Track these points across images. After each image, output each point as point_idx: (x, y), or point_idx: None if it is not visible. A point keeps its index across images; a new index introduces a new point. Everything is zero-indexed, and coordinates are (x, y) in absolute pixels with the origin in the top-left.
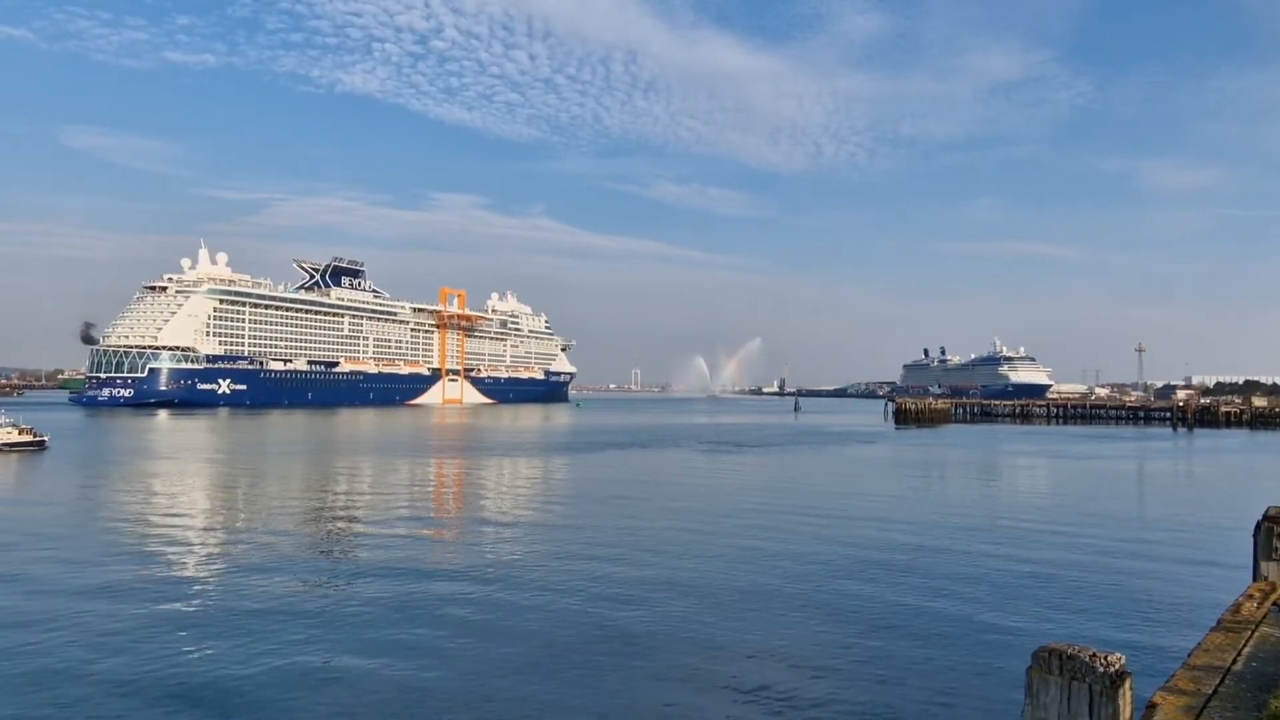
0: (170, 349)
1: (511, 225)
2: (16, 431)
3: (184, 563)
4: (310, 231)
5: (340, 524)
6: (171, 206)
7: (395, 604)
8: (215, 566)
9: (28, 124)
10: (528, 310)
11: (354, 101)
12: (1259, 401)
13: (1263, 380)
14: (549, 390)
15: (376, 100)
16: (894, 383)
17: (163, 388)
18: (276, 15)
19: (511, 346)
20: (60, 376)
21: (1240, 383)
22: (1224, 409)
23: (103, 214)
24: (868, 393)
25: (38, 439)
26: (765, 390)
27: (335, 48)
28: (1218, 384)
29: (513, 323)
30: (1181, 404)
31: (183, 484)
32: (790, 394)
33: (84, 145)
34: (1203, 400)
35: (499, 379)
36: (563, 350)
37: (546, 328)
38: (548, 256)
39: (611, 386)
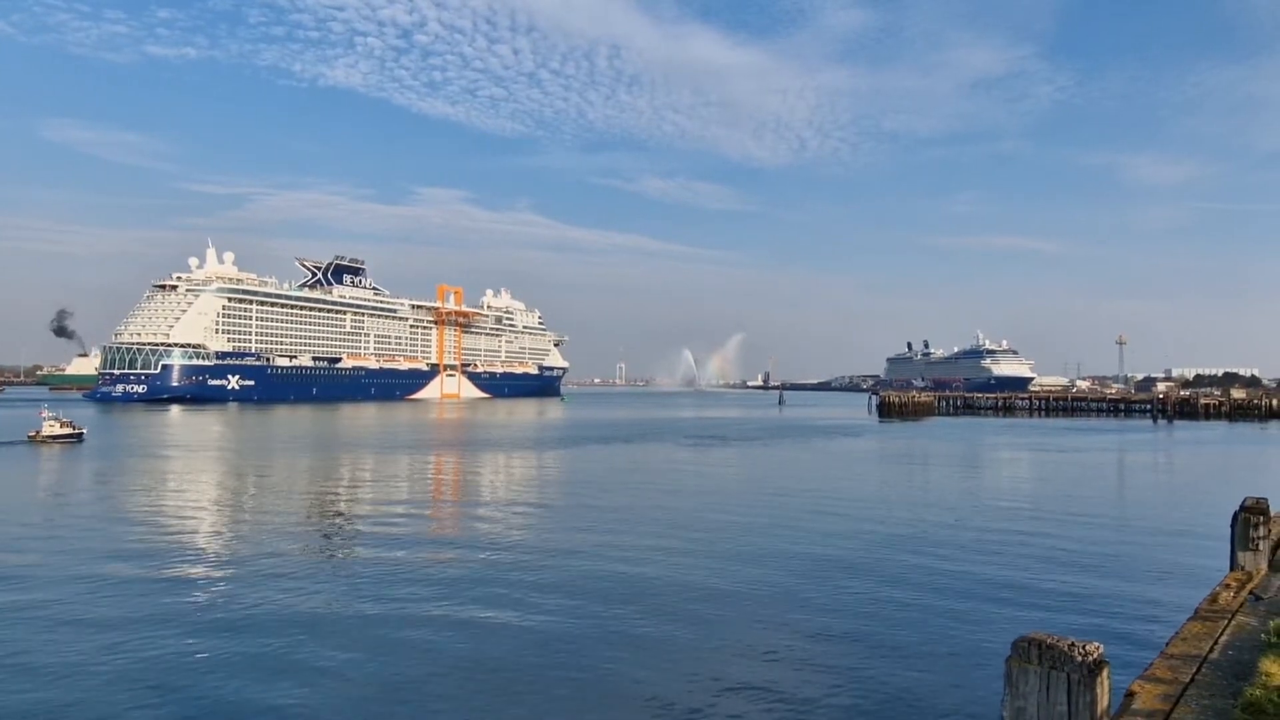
0: (182, 346)
1: (496, 220)
2: (59, 425)
3: (197, 553)
4: (294, 226)
5: (344, 518)
6: (152, 200)
7: (390, 596)
8: (233, 556)
9: (4, 117)
10: (521, 306)
11: (337, 96)
12: (1238, 393)
13: (1241, 372)
14: (543, 385)
15: (359, 94)
16: (878, 376)
17: (175, 384)
18: (258, 9)
19: (506, 342)
20: (39, 373)
21: (1219, 375)
22: (1203, 401)
23: (81, 208)
24: (852, 386)
25: (77, 431)
26: (750, 384)
27: (317, 41)
28: (1197, 376)
29: (507, 319)
30: (1161, 396)
31: (206, 475)
32: (774, 388)
33: (62, 139)
34: (1182, 393)
35: (495, 374)
36: (555, 346)
37: (540, 323)
38: (533, 251)
39: (596, 380)
